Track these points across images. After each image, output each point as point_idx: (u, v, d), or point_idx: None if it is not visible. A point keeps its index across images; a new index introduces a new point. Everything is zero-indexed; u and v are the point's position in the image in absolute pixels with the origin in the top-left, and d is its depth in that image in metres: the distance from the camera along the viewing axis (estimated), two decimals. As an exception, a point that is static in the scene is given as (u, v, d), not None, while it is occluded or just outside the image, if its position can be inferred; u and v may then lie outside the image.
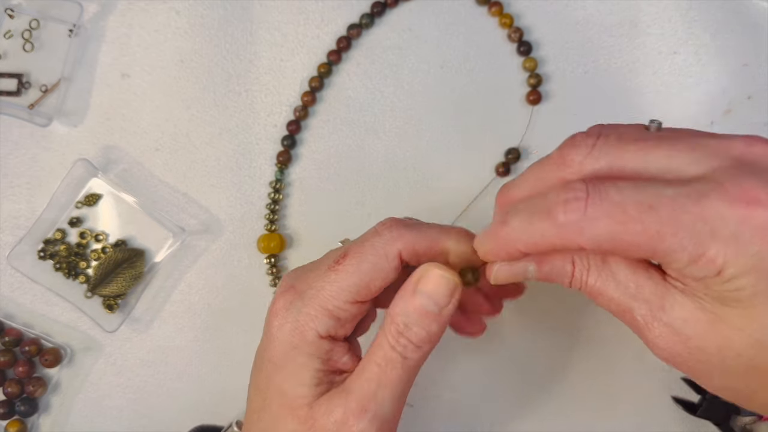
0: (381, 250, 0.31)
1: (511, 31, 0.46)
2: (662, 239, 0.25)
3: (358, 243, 0.32)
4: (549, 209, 0.26)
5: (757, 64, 0.47)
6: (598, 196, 0.25)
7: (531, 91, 0.46)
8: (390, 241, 0.31)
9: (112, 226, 0.45)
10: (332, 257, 0.32)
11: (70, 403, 0.45)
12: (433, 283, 0.30)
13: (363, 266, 0.31)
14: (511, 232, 0.28)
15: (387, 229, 0.32)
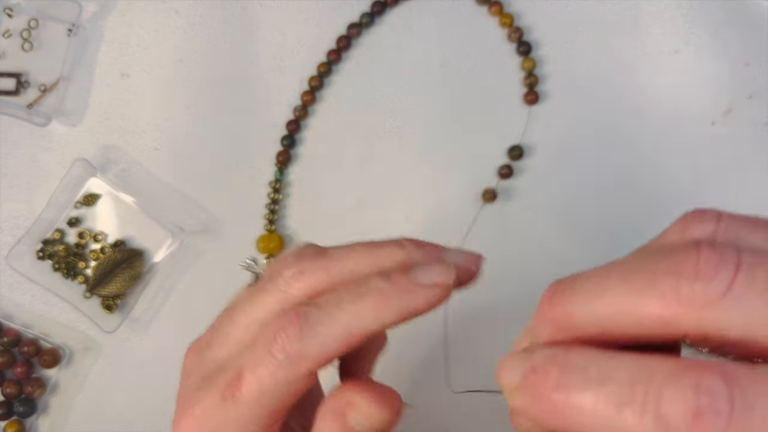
0: (282, 377, 0.23)
1: (511, 31, 0.46)
2: None
3: (252, 367, 0.24)
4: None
5: (758, 63, 0.46)
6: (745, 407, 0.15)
7: (528, 91, 0.46)
8: (291, 365, 0.23)
9: (111, 226, 0.45)
10: (225, 374, 0.25)
11: (69, 403, 0.45)
12: (365, 416, 0.24)
13: (263, 399, 0.24)
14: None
15: (283, 347, 0.23)
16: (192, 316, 0.45)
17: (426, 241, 0.28)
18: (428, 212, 0.46)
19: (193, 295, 0.45)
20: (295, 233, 0.46)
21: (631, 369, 0.16)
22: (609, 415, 0.16)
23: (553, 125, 0.46)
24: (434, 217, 0.46)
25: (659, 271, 0.17)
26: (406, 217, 0.46)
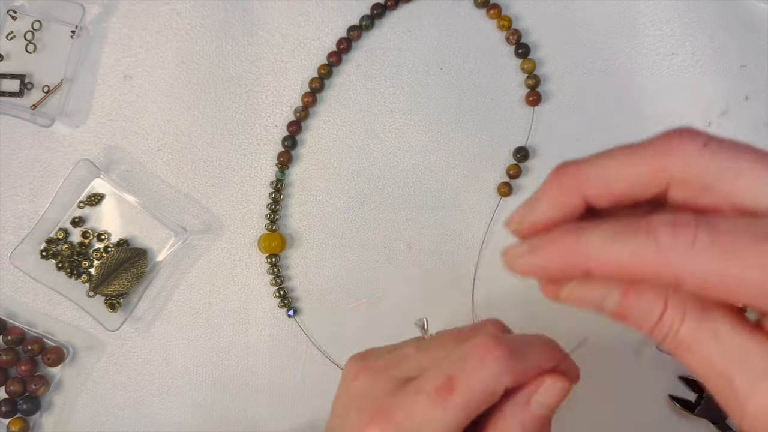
0: (490, 386, 0.28)
1: (509, 33, 0.46)
2: None
3: (466, 372, 0.28)
4: (650, 227, 0.22)
5: (755, 65, 0.47)
6: (708, 226, 0.21)
7: (530, 92, 0.46)
8: (500, 376, 0.28)
9: (115, 225, 0.46)
10: (431, 382, 0.28)
11: (73, 401, 0.45)
12: (550, 396, 0.29)
13: (471, 404, 0.27)
14: (588, 245, 0.23)
15: (496, 360, 0.28)
16: (194, 315, 0.46)
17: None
18: (428, 212, 0.46)
19: (196, 294, 0.46)
20: (296, 233, 0.46)
21: (625, 220, 0.23)
22: (612, 241, 0.23)
23: (552, 126, 0.47)
24: (434, 217, 0.46)
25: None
26: (406, 217, 0.46)
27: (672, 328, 0.24)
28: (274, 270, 0.45)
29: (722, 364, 0.23)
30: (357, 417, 0.29)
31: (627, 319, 0.25)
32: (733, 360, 0.23)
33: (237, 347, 0.46)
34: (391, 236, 0.46)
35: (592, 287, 0.25)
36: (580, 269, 0.24)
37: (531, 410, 0.29)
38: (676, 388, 0.46)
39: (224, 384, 0.45)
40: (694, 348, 0.23)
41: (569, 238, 0.24)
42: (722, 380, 0.23)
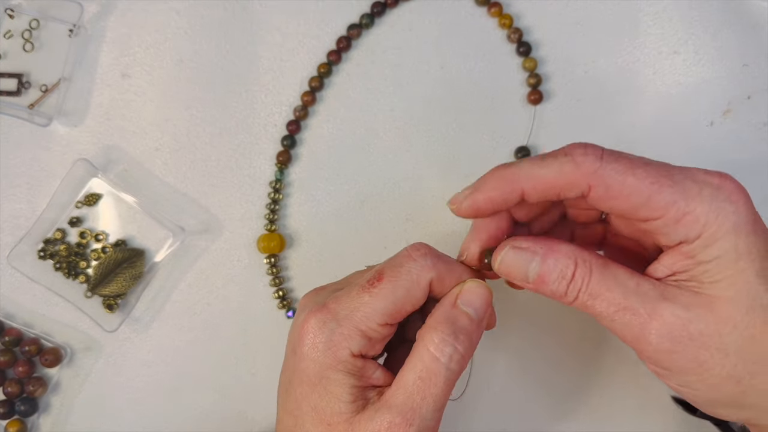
0: (415, 276, 0.32)
1: (511, 32, 0.46)
2: (660, 189, 0.29)
3: (393, 266, 0.32)
4: (567, 152, 0.30)
5: (757, 64, 0.47)
6: (611, 152, 0.30)
7: (532, 90, 0.46)
8: (424, 268, 0.32)
9: (112, 225, 0.45)
10: (364, 278, 0.32)
11: (70, 402, 0.45)
12: (473, 294, 0.32)
13: (398, 291, 0.31)
14: (519, 171, 0.31)
15: (421, 256, 0.32)
16: (193, 316, 0.45)
17: None
18: (428, 212, 0.46)
19: (195, 294, 0.45)
20: (295, 233, 0.46)
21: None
22: (539, 163, 0.31)
23: (552, 125, 0.46)
24: (435, 217, 0.46)
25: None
26: (406, 217, 0.46)
27: (584, 282, 0.30)
28: (273, 270, 0.45)
29: (626, 301, 0.29)
30: (299, 317, 0.33)
31: (545, 285, 0.31)
32: (634, 295, 0.29)
33: (236, 348, 0.45)
34: (391, 236, 0.46)
35: (519, 254, 0.31)
36: (516, 194, 0.31)
37: (459, 308, 0.32)
38: (678, 389, 0.45)
39: (223, 385, 0.45)
40: (603, 294, 0.30)
41: (505, 169, 0.31)
42: (628, 313, 0.29)
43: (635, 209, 0.29)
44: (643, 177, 0.29)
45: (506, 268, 0.32)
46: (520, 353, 0.46)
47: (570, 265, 0.30)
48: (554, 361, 0.46)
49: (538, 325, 0.46)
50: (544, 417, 0.45)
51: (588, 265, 0.30)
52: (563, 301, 0.31)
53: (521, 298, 0.46)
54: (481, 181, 0.32)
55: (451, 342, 0.31)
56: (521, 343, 0.46)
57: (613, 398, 0.46)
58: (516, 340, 0.46)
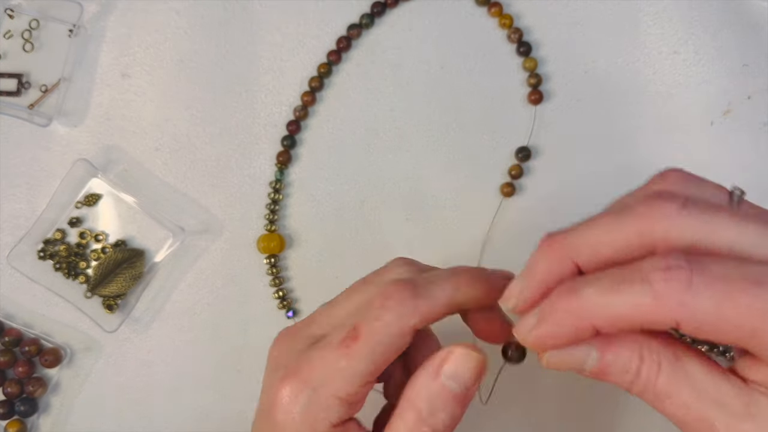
0: (396, 329, 0.28)
1: (511, 32, 0.46)
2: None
3: (370, 320, 0.28)
4: (644, 276, 0.23)
5: (757, 64, 0.47)
6: (700, 268, 0.22)
7: (532, 90, 0.46)
8: (404, 317, 0.28)
9: (112, 226, 0.45)
10: (338, 334, 0.28)
11: (70, 403, 0.45)
12: (458, 364, 0.28)
13: (377, 349, 0.28)
14: (587, 303, 0.24)
15: (399, 303, 0.28)
16: (193, 316, 0.45)
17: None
18: (428, 212, 0.46)
19: (194, 295, 0.45)
20: (295, 233, 0.46)
21: (618, 268, 0.24)
22: (610, 294, 0.23)
23: (553, 125, 0.46)
24: (435, 217, 0.46)
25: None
26: (406, 217, 0.46)
27: (650, 380, 0.24)
28: (273, 270, 0.45)
29: (701, 409, 0.24)
30: (272, 379, 0.29)
31: (606, 377, 0.25)
32: (710, 403, 0.24)
33: (236, 348, 0.45)
34: (391, 236, 0.46)
35: (571, 350, 0.25)
36: (588, 330, 0.24)
37: (441, 382, 0.27)
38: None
39: (223, 385, 0.45)
40: (673, 396, 0.24)
41: (569, 300, 0.24)
42: (703, 425, 0.24)
43: (735, 341, 0.23)
44: (746, 305, 0.22)
45: (555, 367, 0.26)
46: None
47: (634, 360, 0.25)
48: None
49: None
50: (541, 416, 0.45)
51: (656, 359, 0.24)
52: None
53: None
54: (547, 311, 0.25)
55: (428, 421, 0.27)
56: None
57: (614, 398, 0.46)
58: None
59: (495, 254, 0.46)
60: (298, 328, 0.31)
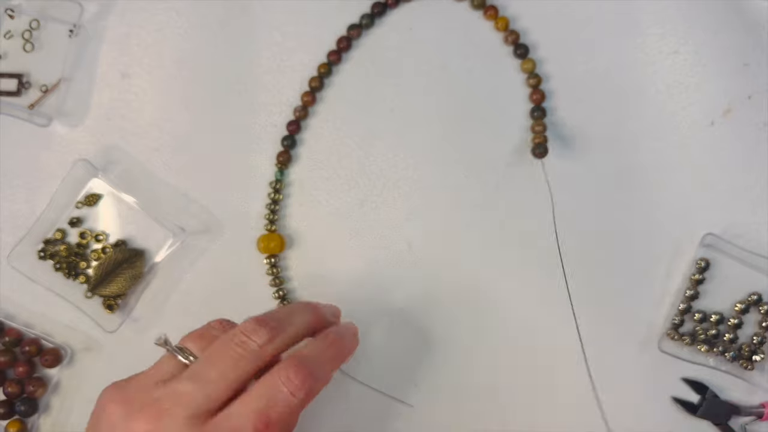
0: (297, 411, 0.31)
1: (507, 34, 0.46)
2: None
3: (272, 406, 0.30)
4: None
5: (758, 63, 0.47)
6: None
7: (533, 91, 0.46)
8: (305, 400, 0.31)
9: (113, 226, 0.45)
10: (246, 421, 0.30)
11: (70, 403, 0.45)
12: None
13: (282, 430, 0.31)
14: None
15: (297, 389, 0.31)
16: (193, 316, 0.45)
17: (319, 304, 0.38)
18: (428, 212, 0.46)
19: (194, 294, 0.45)
20: (295, 233, 0.46)
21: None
22: None
23: (552, 126, 0.46)
24: (435, 217, 0.46)
25: None
26: (406, 217, 0.46)
27: None
28: (274, 270, 0.45)
29: None
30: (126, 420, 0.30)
31: None
32: None
33: (236, 348, 0.45)
34: (391, 236, 0.46)
35: None
36: None
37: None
38: (679, 389, 0.45)
39: (223, 385, 0.45)
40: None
41: None
42: None
43: None
44: None
45: None
46: (517, 354, 0.46)
47: None
48: (551, 361, 0.46)
49: (532, 327, 0.46)
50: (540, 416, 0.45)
51: None
52: None
53: (517, 293, 0.46)
54: None
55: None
56: (520, 341, 0.46)
57: (615, 398, 0.46)
58: (514, 341, 0.46)
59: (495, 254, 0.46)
60: (154, 398, 0.31)
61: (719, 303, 0.46)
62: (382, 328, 0.46)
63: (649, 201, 0.46)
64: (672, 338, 0.45)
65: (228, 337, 0.32)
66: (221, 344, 0.32)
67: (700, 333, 0.45)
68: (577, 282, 0.46)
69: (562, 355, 0.45)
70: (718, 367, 0.45)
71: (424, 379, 0.45)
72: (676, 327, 0.45)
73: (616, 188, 0.46)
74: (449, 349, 0.45)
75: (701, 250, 0.46)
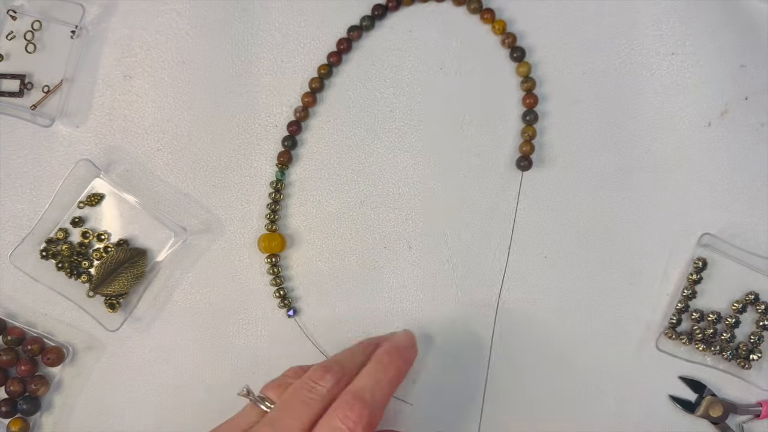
0: None
1: (504, 37, 0.46)
2: None
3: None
4: None
5: (755, 65, 0.47)
6: None
7: (527, 95, 0.46)
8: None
9: (115, 225, 0.46)
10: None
11: (73, 401, 0.45)
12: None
13: None
14: None
15: (354, 425, 0.33)
16: (194, 315, 0.46)
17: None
18: (428, 212, 0.46)
19: (196, 294, 0.46)
20: (295, 233, 0.46)
21: None
22: None
23: (551, 127, 0.47)
24: (434, 217, 0.46)
25: None
26: (406, 217, 0.46)
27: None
28: (274, 270, 0.45)
29: None
30: None
31: None
32: None
33: (237, 347, 0.45)
34: (391, 236, 0.46)
35: None
36: None
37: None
38: (676, 388, 0.46)
39: (224, 384, 0.45)
40: None
41: None
42: None
43: None
44: None
45: None
46: (515, 354, 0.46)
47: None
48: (550, 361, 0.46)
49: (532, 327, 0.46)
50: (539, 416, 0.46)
51: None
52: None
53: (516, 292, 0.46)
54: None
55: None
56: (517, 343, 0.46)
57: (612, 397, 0.46)
58: (513, 341, 0.46)
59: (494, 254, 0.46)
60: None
61: (716, 302, 0.46)
62: (382, 327, 0.46)
63: (646, 201, 0.46)
64: (669, 337, 0.45)
65: (300, 384, 0.35)
66: (294, 391, 0.35)
67: (697, 332, 0.45)
68: (577, 281, 0.46)
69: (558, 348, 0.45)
70: (715, 366, 0.45)
71: (424, 377, 0.45)
72: (673, 326, 0.45)
73: (613, 188, 0.47)
74: (449, 348, 0.46)
75: (699, 250, 0.46)
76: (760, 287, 0.45)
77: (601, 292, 0.46)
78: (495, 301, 0.46)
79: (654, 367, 0.46)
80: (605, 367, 0.46)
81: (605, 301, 0.46)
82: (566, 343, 0.46)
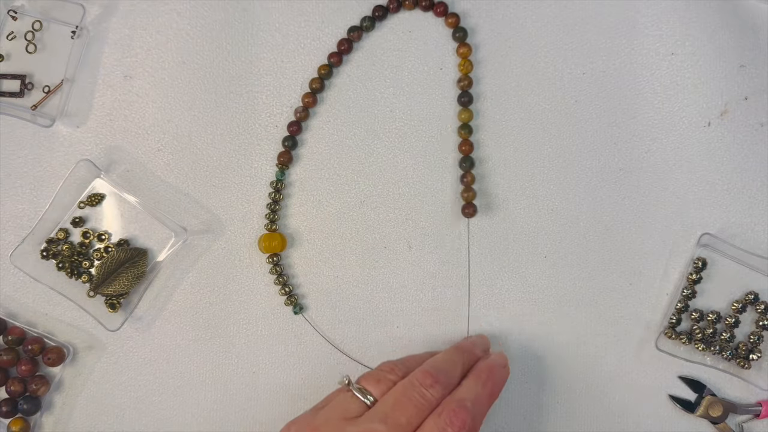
0: None
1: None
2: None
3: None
4: None
5: (754, 65, 0.47)
6: None
7: (463, 141, 0.46)
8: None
9: (115, 225, 0.46)
10: None
11: (73, 401, 0.45)
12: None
13: None
14: None
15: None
16: (195, 315, 0.46)
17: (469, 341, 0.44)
18: (428, 212, 0.46)
19: (196, 293, 0.46)
20: (296, 233, 0.46)
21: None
22: None
23: (551, 127, 0.47)
24: (434, 217, 0.47)
25: None
26: (406, 217, 0.46)
27: None
28: (276, 269, 0.45)
29: None
30: None
31: None
32: None
33: (237, 347, 0.46)
34: (391, 236, 0.46)
35: None
36: None
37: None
38: (676, 387, 0.46)
39: (225, 384, 0.45)
40: None
41: None
42: None
43: None
44: None
45: None
46: (515, 354, 0.46)
47: None
48: (548, 360, 0.46)
49: (532, 328, 0.46)
50: (538, 416, 0.46)
51: None
52: None
53: (514, 292, 0.46)
54: None
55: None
56: (517, 345, 0.46)
57: (612, 397, 0.46)
58: (513, 342, 0.46)
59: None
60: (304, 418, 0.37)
61: (716, 302, 0.46)
62: (382, 327, 0.46)
63: (646, 201, 0.46)
64: (669, 337, 0.45)
65: (409, 387, 0.37)
66: (405, 393, 0.36)
67: (697, 332, 0.45)
68: (577, 281, 0.46)
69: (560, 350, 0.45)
70: (715, 365, 0.45)
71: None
72: (673, 326, 0.45)
73: (613, 188, 0.47)
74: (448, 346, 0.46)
75: (698, 250, 0.46)
76: (759, 287, 0.46)
77: (601, 292, 0.46)
78: (495, 301, 0.46)
79: (654, 367, 0.46)
80: (605, 367, 0.46)
81: (605, 301, 0.46)
82: (566, 343, 0.46)
